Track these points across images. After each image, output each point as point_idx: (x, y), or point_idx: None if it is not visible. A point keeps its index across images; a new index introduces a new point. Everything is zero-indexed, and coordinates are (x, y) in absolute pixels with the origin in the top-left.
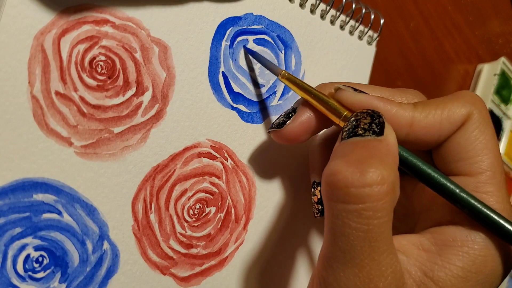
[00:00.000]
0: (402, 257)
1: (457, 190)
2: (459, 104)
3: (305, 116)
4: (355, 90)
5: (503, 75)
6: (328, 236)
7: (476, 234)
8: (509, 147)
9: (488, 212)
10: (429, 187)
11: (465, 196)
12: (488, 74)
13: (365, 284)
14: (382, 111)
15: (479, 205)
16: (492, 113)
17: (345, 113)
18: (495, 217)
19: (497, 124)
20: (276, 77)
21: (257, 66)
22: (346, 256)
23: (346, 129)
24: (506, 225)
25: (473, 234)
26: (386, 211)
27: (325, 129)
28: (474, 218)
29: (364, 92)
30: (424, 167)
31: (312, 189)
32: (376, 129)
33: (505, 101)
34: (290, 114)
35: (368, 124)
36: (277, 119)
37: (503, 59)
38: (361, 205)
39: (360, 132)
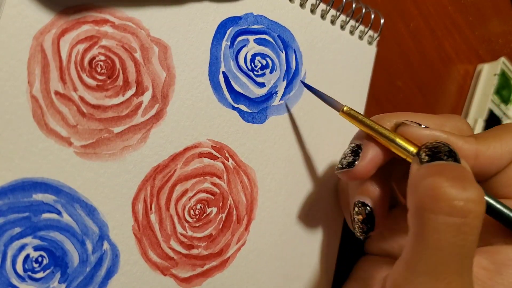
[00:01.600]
0: None
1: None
2: None
3: (373, 153)
4: (420, 125)
5: (503, 75)
6: (416, 249)
7: None
8: None
9: None
10: (494, 218)
11: None
12: (488, 74)
13: None
14: (449, 141)
15: None
16: (492, 113)
17: (411, 149)
18: None
19: (497, 125)
20: (277, 77)
21: (257, 66)
22: (437, 269)
23: (425, 154)
24: None
25: None
26: (479, 229)
27: None
28: None
29: (427, 127)
30: (493, 202)
31: (357, 208)
32: (456, 157)
33: (505, 101)
34: (357, 151)
35: (448, 152)
36: (343, 158)
37: (503, 59)
38: (462, 219)
39: (443, 157)
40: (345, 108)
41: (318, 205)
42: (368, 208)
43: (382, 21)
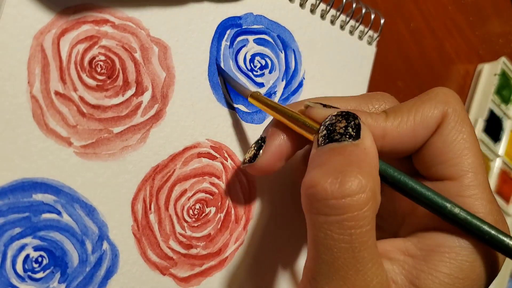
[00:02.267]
0: (388, 265)
1: (440, 201)
2: (432, 105)
3: (276, 144)
4: (324, 105)
5: (503, 75)
6: (311, 249)
7: (463, 240)
8: (510, 147)
9: (474, 221)
10: (411, 199)
11: (448, 206)
12: (488, 74)
13: None
14: None
15: (464, 214)
16: (492, 113)
17: (318, 127)
18: (484, 226)
19: (497, 124)
20: (277, 77)
21: (256, 66)
22: (330, 268)
23: (322, 134)
24: (493, 232)
25: (460, 240)
26: (368, 219)
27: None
28: (460, 228)
29: (333, 107)
30: (402, 178)
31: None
32: (352, 133)
33: (506, 101)
34: (260, 145)
35: (344, 128)
36: (247, 152)
37: (503, 59)
38: (342, 216)
39: (336, 137)
40: (252, 93)
41: None
42: (261, 143)
43: (382, 21)
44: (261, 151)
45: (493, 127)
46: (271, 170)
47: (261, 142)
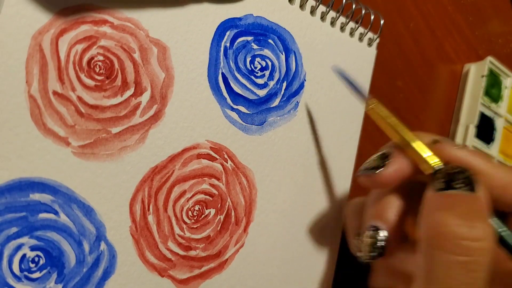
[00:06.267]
0: None
1: None
2: None
3: (400, 163)
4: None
5: (491, 74)
6: (426, 282)
7: None
8: (504, 144)
9: None
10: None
11: None
12: (475, 76)
13: None
14: (479, 167)
15: None
16: (483, 115)
17: (432, 161)
18: None
19: (489, 125)
20: (277, 79)
21: (257, 68)
22: None
23: (441, 180)
24: None
25: None
26: (487, 266)
27: None
28: None
29: (464, 147)
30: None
31: (368, 232)
32: (472, 185)
33: (495, 99)
34: (385, 158)
35: (463, 179)
36: (369, 161)
37: (489, 58)
38: (470, 257)
39: (457, 186)
40: (370, 104)
41: (317, 207)
42: (380, 234)
43: (382, 22)
44: (385, 164)
45: (485, 129)
46: (387, 186)
47: (386, 156)
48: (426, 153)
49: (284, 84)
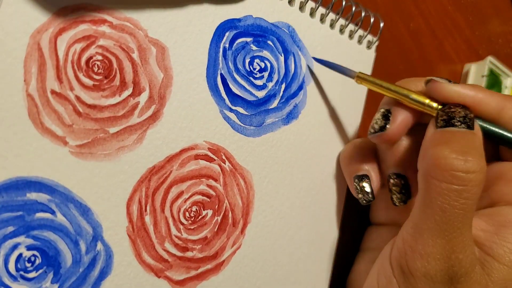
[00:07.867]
0: None
1: None
2: None
3: (403, 115)
4: (450, 81)
5: (491, 74)
6: (423, 210)
7: None
8: None
9: None
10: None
11: None
12: (475, 76)
13: (449, 254)
14: (475, 97)
15: None
16: None
17: (434, 104)
18: None
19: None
20: (276, 80)
21: (255, 69)
22: (439, 228)
23: (442, 118)
24: None
25: None
26: (478, 194)
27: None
28: None
29: (456, 83)
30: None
31: (393, 180)
32: (469, 123)
33: None
34: (387, 115)
35: (462, 118)
36: (375, 123)
37: (490, 58)
38: (463, 186)
39: (456, 123)
40: (358, 74)
41: (314, 210)
42: (403, 180)
43: (381, 24)
44: (388, 121)
45: None
46: (397, 139)
47: (388, 113)
48: (424, 100)
49: (283, 86)
